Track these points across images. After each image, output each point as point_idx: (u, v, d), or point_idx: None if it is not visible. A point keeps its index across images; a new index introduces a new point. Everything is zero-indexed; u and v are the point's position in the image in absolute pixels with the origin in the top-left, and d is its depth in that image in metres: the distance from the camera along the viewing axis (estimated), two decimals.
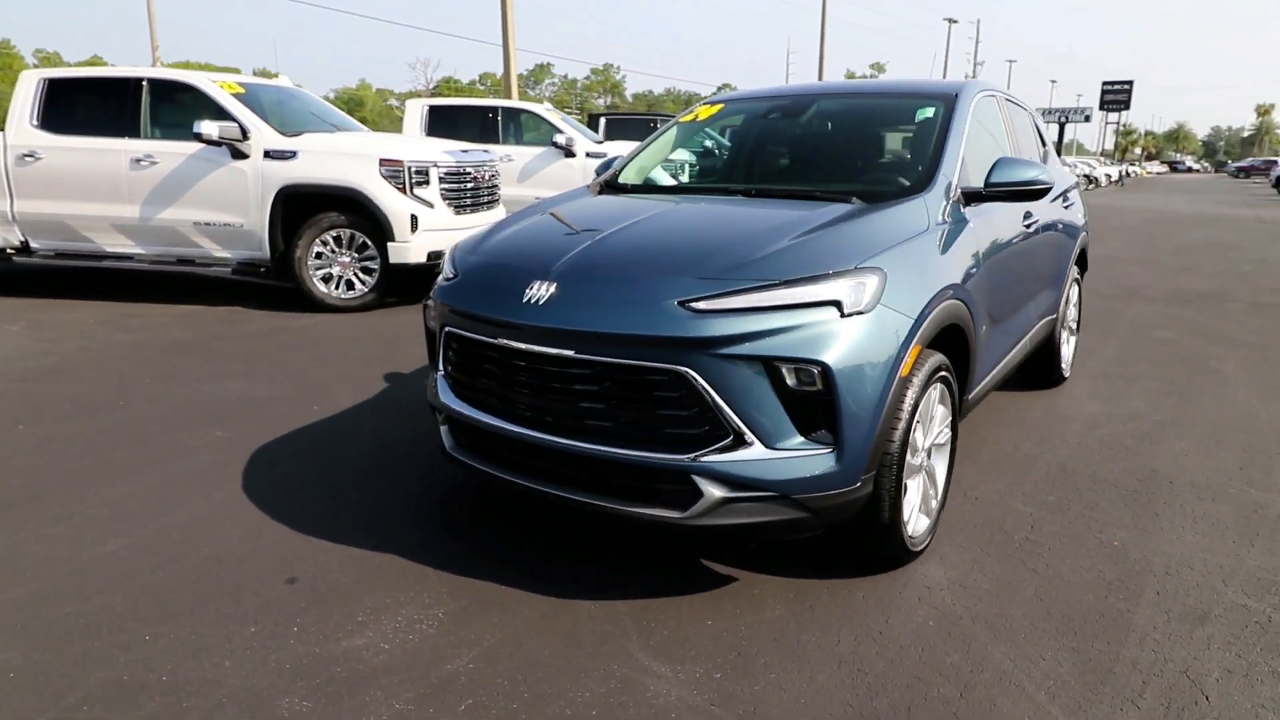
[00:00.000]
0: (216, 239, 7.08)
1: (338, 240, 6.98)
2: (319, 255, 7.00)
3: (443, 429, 2.94)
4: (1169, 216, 20.23)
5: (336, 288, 7.07)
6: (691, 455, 2.33)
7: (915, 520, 2.75)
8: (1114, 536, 3.03)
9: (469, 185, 7.47)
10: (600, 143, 11.36)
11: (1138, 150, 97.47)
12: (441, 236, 7.06)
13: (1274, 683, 2.21)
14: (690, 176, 3.82)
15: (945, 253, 2.83)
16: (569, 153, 11.02)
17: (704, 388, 2.30)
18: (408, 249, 6.88)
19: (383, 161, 6.83)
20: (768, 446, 2.32)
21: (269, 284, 7.34)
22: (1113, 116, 78.72)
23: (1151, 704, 2.12)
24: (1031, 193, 3.08)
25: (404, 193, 6.87)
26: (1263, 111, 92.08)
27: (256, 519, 3.17)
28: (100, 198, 7.10)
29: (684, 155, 4.07)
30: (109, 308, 7.07)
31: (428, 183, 7.01)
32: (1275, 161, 67.02)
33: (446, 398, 2.87)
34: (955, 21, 46.49)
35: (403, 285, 7.45)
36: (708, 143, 4.18)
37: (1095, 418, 4.38)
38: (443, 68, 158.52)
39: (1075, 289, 4.93)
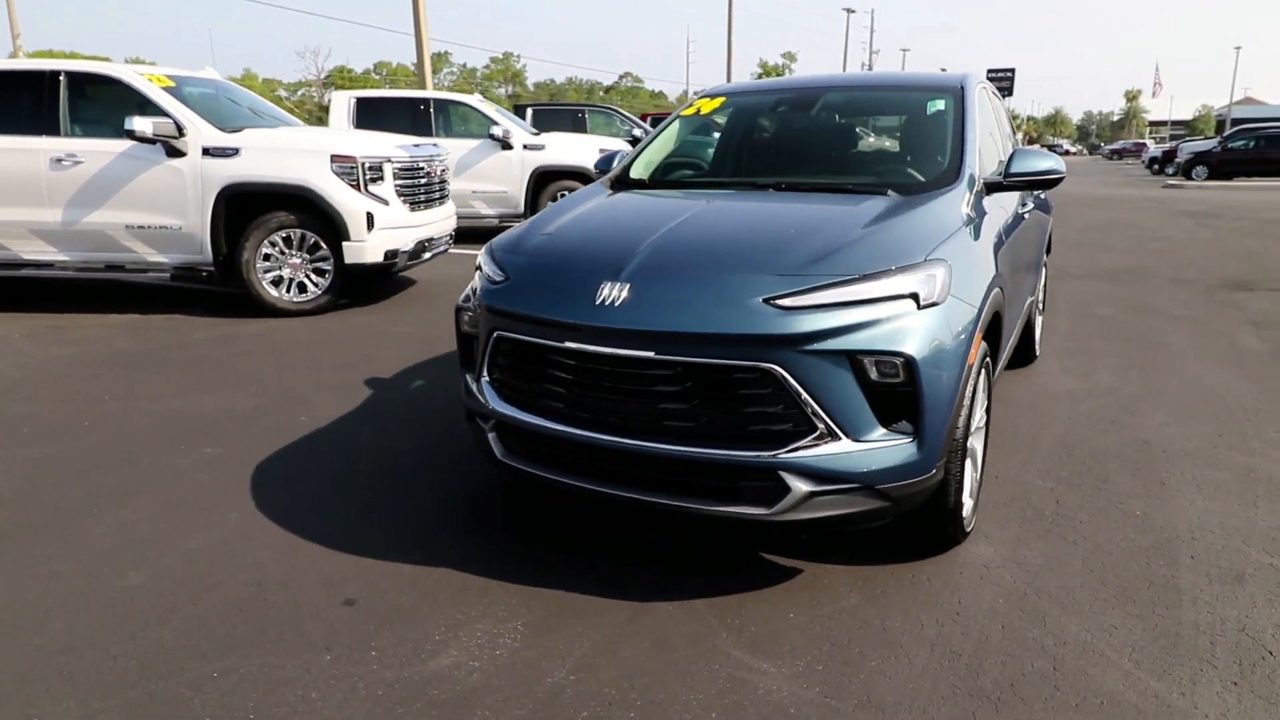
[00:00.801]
0: (151, 243, 6.65)
1: (287, 241, 6.66)
2: (268, 257, 6.67)
3: (490, 436, 2.85)
4: (1064, 198, 21.37)
5: (288, 291, 6.76)
6: (779, 451, 2.34)
7: (966, 502, 2.84)
8: (1134, 506, 3.20)
9: (423, 181, 7.25)
10: (537, 134, 11.20)
11: (1020, 135, 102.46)
12: (398, 234, 6.85)
13: None
14: (704, 171, 3.81)
15: (980, 242, 2.92)
16: (506, 145, 10.83)
17: (791, 384, 2.31)
18: (364, 248, 6.63)
19: (334, 157, 6.55)
20: (852, 439, 2.35)
21: (212, 289, 6.94)
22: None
23: (1225, 663, 2.26)
24: (1047, 182, 3.21)
25: (358, 190, 6.60)
26: (1131, 97, 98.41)
27: (284, 540, 3.01)
28: (15, 201, 6.57)
29: (692, 149, 4.05)
30: (33, 320, 6.55)
31: (382, 179, 6.77)
32: (1145, 144, 71.61)
33: (496, 404, 2.79)
34: (853, 11, 48.00)
35: (357, 286, 7.19)
36: (714, 135, 4.17)
37: (1074, 393, 4.62)
38: (334, 56, 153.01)
39: (1044, 271, 5.17)
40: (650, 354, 2.39)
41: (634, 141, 13.74)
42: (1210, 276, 8.40)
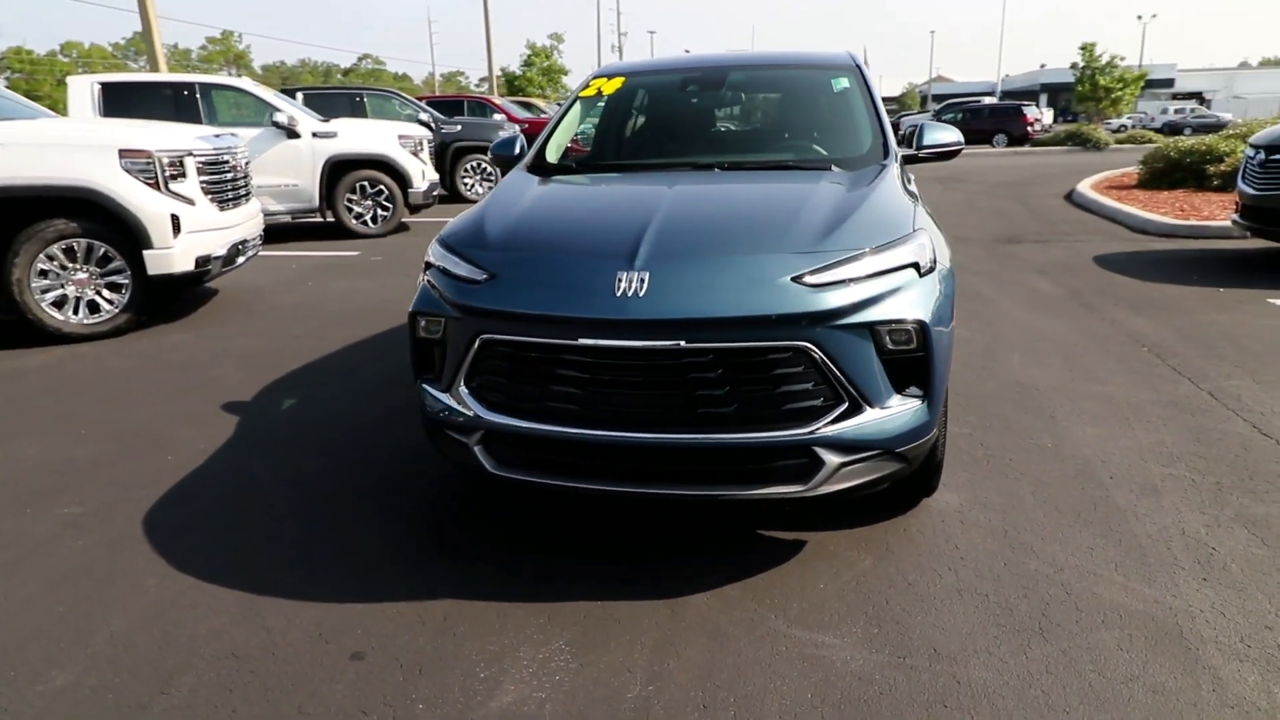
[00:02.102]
0: None
1: (69, 253, 5.66)
2: (45, 274, 5.63)
3: (477, 449, 2.62)
4: None
5: (75, 312, 5.76)
6: (814, 427, 2.37)
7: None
8: (1044, 440, 3.59)
9: (229, 176, 6.45)
10: (325, 121, 10.34)
11: None
12: (209, 238, 6.05)
13: (1240, 525, 2.82)
14: (630, 152, 3.69)
15: (927, 211, 3.11)
16: (292, 133, 9.91)
17: (822, 360, 2.34)
18: (170, 256, 5.79)
19: (124, 153, 5.63)
20: (875, 407, 2.43)
21: None
22: None
23: (1188, 563, 2.62)
24: (952, 153, 3.48)
25: (157, 189, 5.74)
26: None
27: (233, 599, 2.59)
28: None
29: (595, 128, 3.92)
30: None
31: (184, 175, 5.93)
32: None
33: (484, 413, 2.57)
34: None
35: (160, 302, 6.29)
36: (614, 116, 4.03)
37: None
38: (2, 36, 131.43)
39: None
40: (680, 343, 2.31)
41: (427, 125, 13.12)
42: (982, 234, 9.55)
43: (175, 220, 5.77)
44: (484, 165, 14.77)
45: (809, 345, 2.32)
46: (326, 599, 2.58)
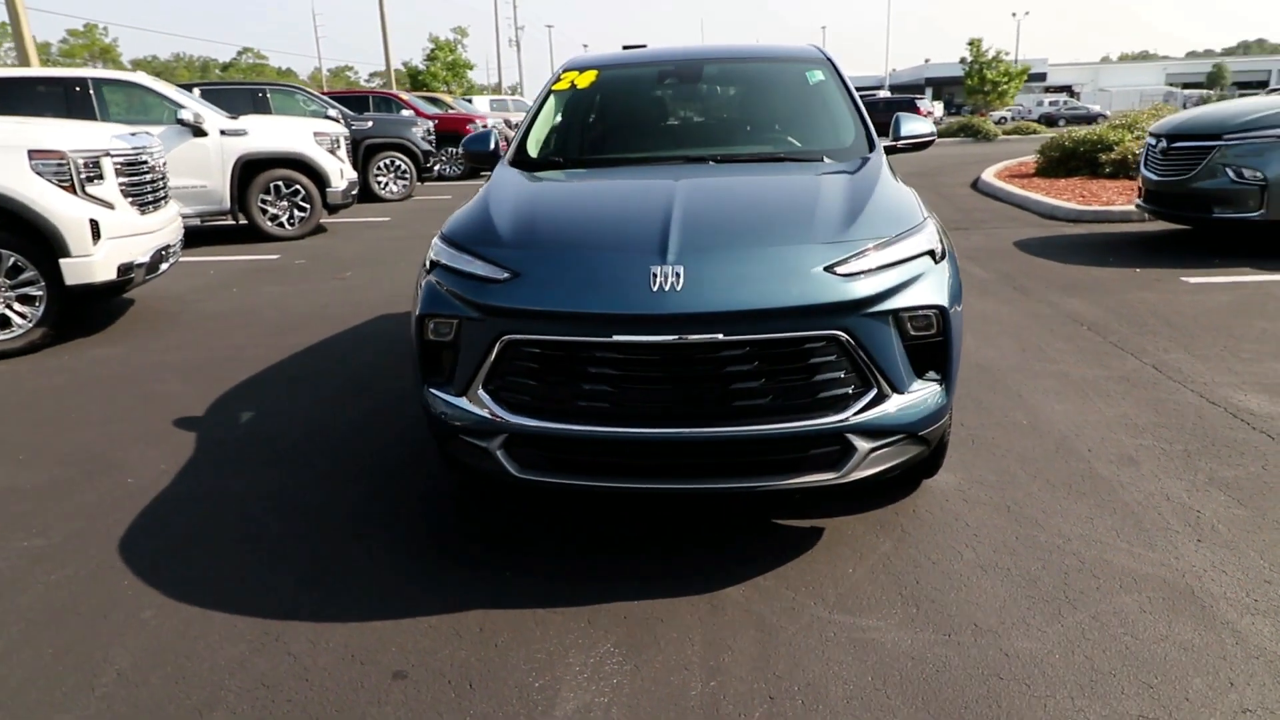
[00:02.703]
0: None
1: None
2: None
3: (499, 453, 2.55)
4: None
5: None
6: (845, 415, 2.41)
7: None
8: (1018, 418, 3.76)
9: (148, 177, 6.05)
10: (234, 118, 9.83)
11: None
12: (131, 244, 5.68)
13: (1216, 488, 3.02)
14: (614, 145, 3.63)
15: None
16: (199, 131, 9.38)
17: (853, 348, 2.38)
18: (91, 265, 5.39)
19: (34, 153, 5.21)
20: (900, 393, 2.48)
21: None
22: None
23: (1180, 526, 2.79)
24: (926, 143, 3.59)
25: (73, 192, 5.34)
26: None
27: (246, 626, 2.45)
28: None
29: (570, 121, 3.84)
30: None
31: (102, 177, 5.53)
32: None
33: (508, 416, 2.50)
34: None
35: (76, 314, 5.85)
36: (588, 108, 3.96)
37: None
38: None
39: None
40: (719, 336, 2.30)
41: (339, 121, 12.64)
42: None
43: (94, 225, 5.38)
44: (398, 163, 14.37)
45: (841, 334, 2.36)
46: (348, 618, 2.46)
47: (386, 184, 14.34)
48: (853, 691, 2.08)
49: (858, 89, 3.73)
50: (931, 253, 2.57)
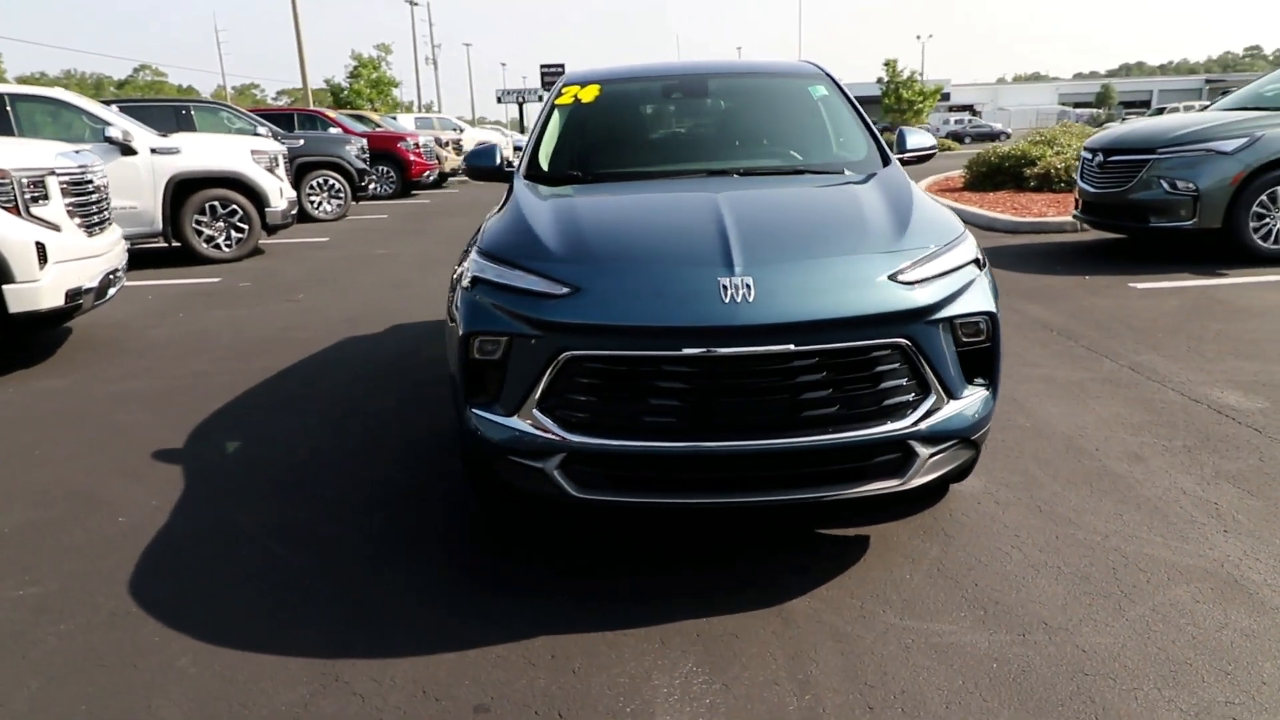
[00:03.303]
0: None
1: None
2: None
3: (556, 474, 2.48)
4: None
5: None
6: (908, 422, 2.43)
7: None
8: (1020, 421, 3.87)
9: (94, 197, 5.71)
10: (164, 135, 9.39)
11: None
12: (79, 268, 5.34)
13: (1224, 481, 3.17)
14: (628, 159, 3.58)
15: None
16: (127, 150, 8.91)
17: (916, 355, 2.41)
18: (37, 291, 5.04)
19: None
20: (955, 399, 2.52)
21: None
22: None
23: (1203, 518, 2.91)
24: (927, 156, 3.68)
25: (17, 214, 4.99)
26: None
27: (297, 667, 2.30)
28: None
29: (592, 137, 3.79)
30: None
31: (47, 197, 5.19)
32: None
33: (568, 435, 2.43)
34: (416, 4, 47.33)
35: (14, 344, 5.46)
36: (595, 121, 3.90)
37: None
38: None
39: None
40: (790, 346, 2.30)
41: (275, 139, 12.21)
42: None
43: (41, 249, 5.04)
44: (332, 182, 13.98)
45: (905, 341, 2.38)
46: (407, 653, 2.34)
47: (320, 203, 13.93)
48: (949, 697, 2.09)
49: None
50: (976, 261, 2.63)
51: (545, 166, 3.45)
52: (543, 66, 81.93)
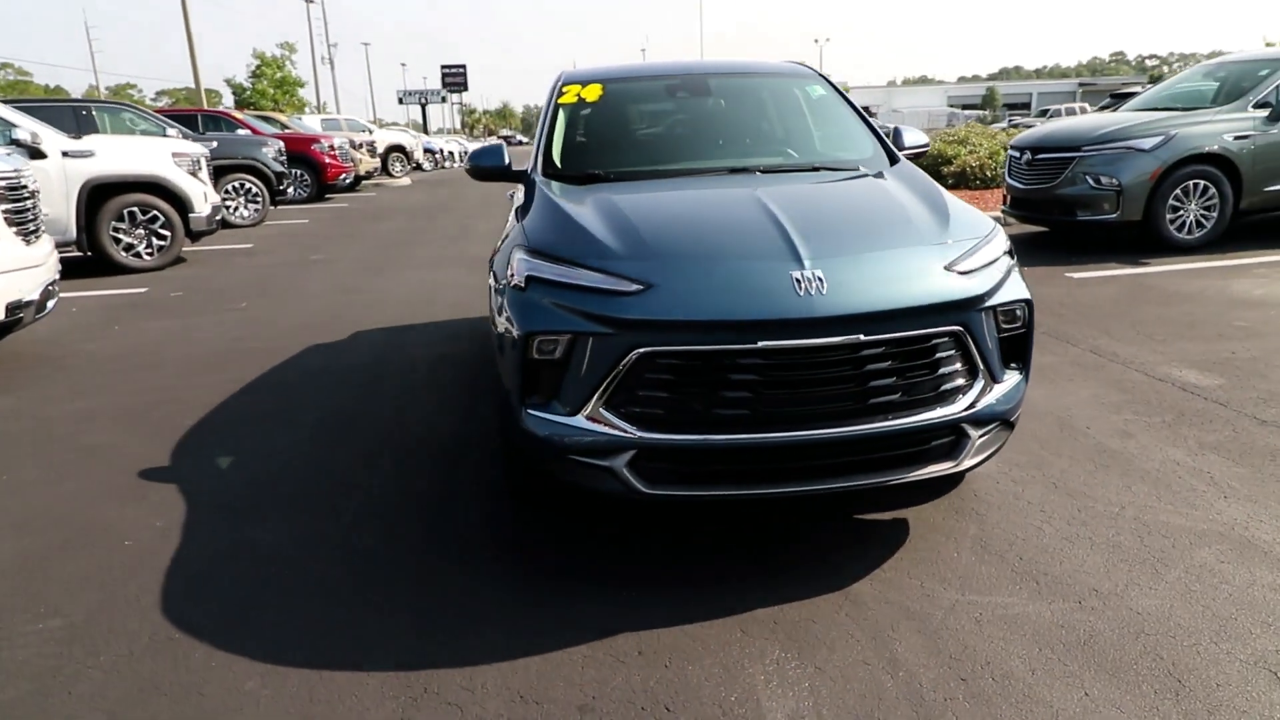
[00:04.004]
0: None
1: None
2: None
3: (625, 472, 2.48)
4: None
5: None
6: (962, 405, 2.54)
7: None
8: None
9: (29, 204, 5.33)
10: (78, 138, 8.82)
11: (480, 127, 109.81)
12: (19, 279, 5.01)
13: (1210, 452, 3.42)
14: (644, 157, 3.57)
15: None
16: (36, 153, 8.30)
17: (970, 341, 2.52)
18: None
19: None
20: (997, 383, 2.65)
21: None
22: (456, 97, 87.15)
23: (1205, 489, 3.14)
24: (922, 153, 3.84)
25: None
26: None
27: (377, 682, 2.24)
28: None
29: (607, 135, 3.76)
30: None
31: None
32: None
33: (637, 432, 2.44)
34: (312, 1, 45.59)
35: None
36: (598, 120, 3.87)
37: None
38: None
39: None
40: (860, 336, 2.37)
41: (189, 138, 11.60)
42: None
43: None
44: (248, 185, 13.40)
45: (960, 329, 2.49)
46: (489, 659, 2.30)
47: (237, 208, 13.33)
48: (1032, 665, 2.20)
49: None
50: (1010, 252, 2.77)
51: (561, 165, 3.43)
52: (444, 67, 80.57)
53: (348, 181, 18.92)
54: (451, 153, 39.60)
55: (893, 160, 3.49)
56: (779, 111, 3.94)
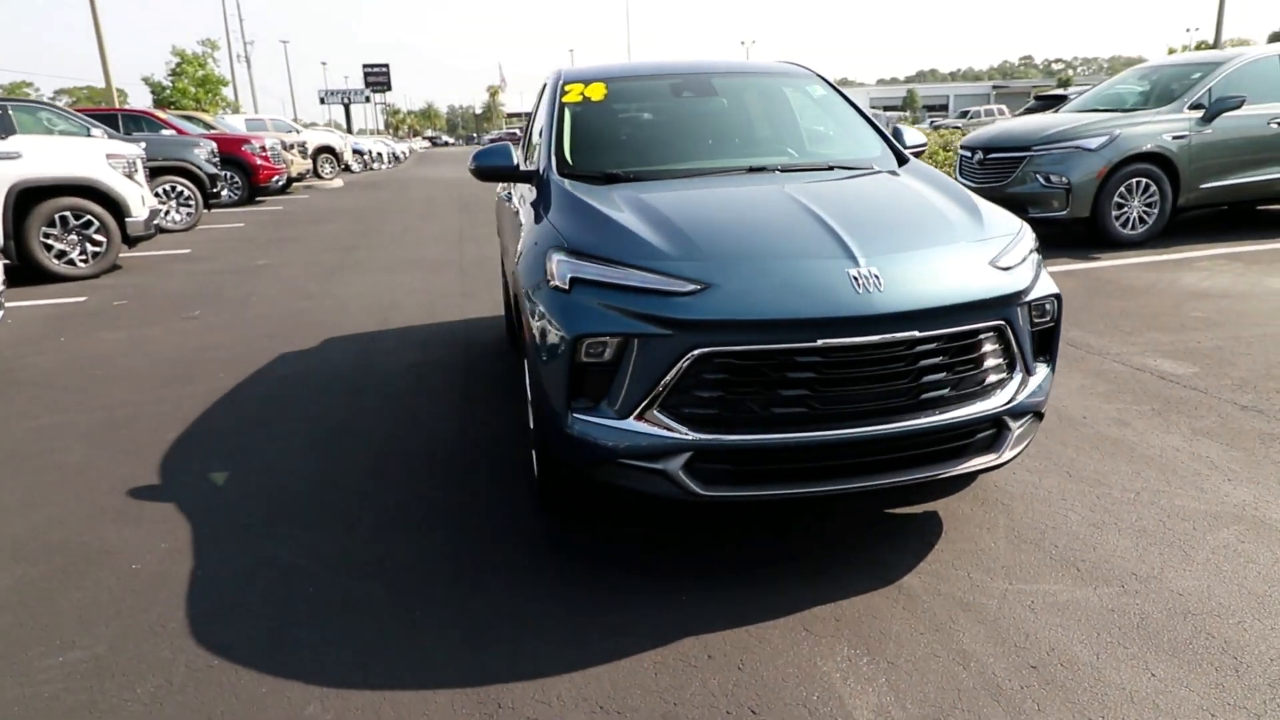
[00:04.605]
0: None
1: None
2: None
3: (680, 474, 2.45)
4: (480, 182, 23.56)
5: None
6: (1004, 398, 2.60)
7: None
8: None
9: None
10: (3, 138, 8.30)
11: (405, 128, 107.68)
12: None
13: (1203, 437, 3.58)
14: (656, 156, 3.52)
15: None
16: None
17: (1011, 335, 2.58)
18: None
19: None
20: (1030, 375, 2.72)
21: None
22: (379, 97, 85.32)
23: (1207, 470, 3.28)
24: (921, 152, 3.91)
25: None
26: (493, 92, 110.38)
27: (444, 700, 2.16)
28: None
29: (619, 134, 3.70)
30: None
31: None
32: (517, 134, 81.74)
33: (694, 434, 2.41)
34: None
35: None
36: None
37: None
38: None
39: None
40: (915, 333, 2.40)
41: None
42: None
43: None
44: (180, 188, 12.84)
45: (1004, 323, 2.55)
46: (558, 670, 2.25)
47: (168, 212, 12.74)
48: (1095, 649, 2.26)
49: None
50: (1036, 247, 2.84)
51: (574, 164, 3.37)
52: (366, 66, 78.68)
53: (281, 184, 18.32)
54: (380, 154, 38.72)
55: (900, 159, 3.55)
56: (785, 111, 3.96)
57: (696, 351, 2.37)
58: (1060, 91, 18.67)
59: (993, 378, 2.60)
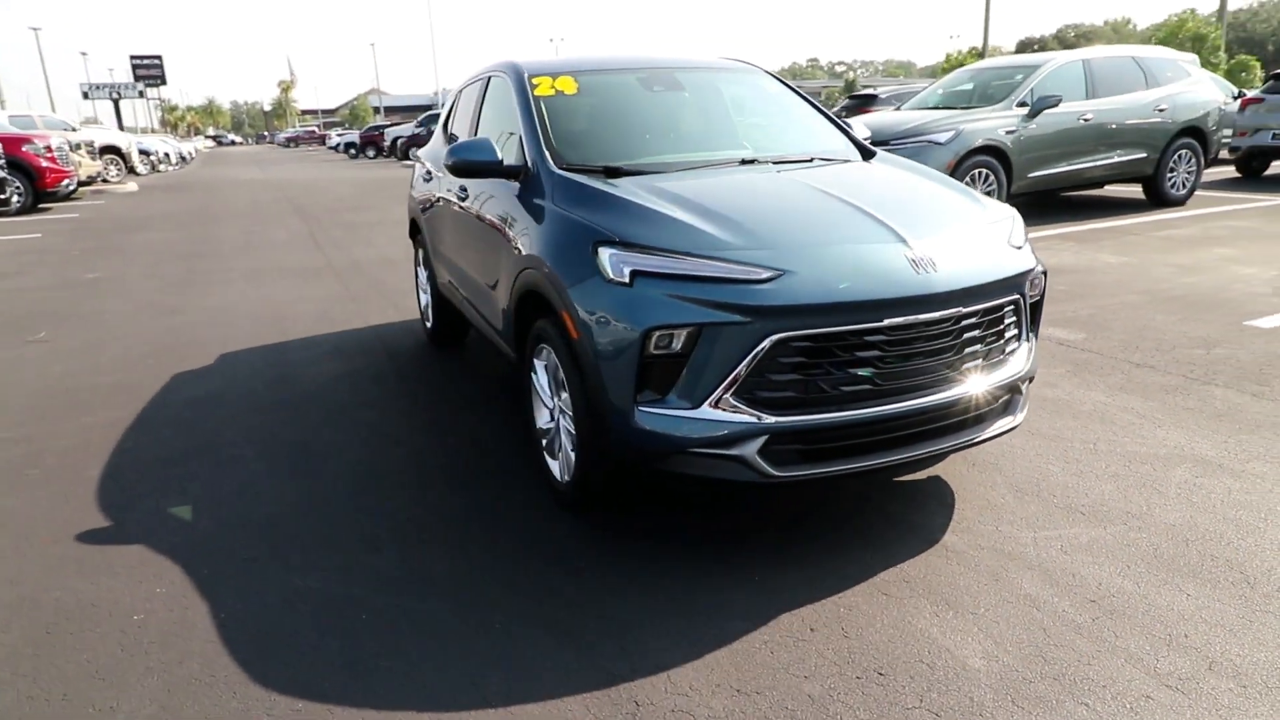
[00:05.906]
0: None
1: None
2: None
3: (756, 458, 2.51)
4: (299, 183, 22.36)
5: None
6: (1020, 366, 2.87)
7: None
8: None
9: None
10: None
11: (185, 125, 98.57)
12: None
13: (1121, 393, 4.08)
14: (630, 150, 3.47)
15: None
16: None
17: (1022, 308, 2.85)
18: None
19: None
20: (1028, 344, 3.02)
21: None
22: (153, 92, 77.65)
23: (1136, 420, 3.76)
24: (883, 142, 4.18)
25: None
26: (285, 87, 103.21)
27: (578, 706, 2.11)
28: None
29: (607, 128, 3.62)
30: None
31: None
32: (315, 131, 77.10)
33: (766, 418, 2.48)
34: None
35: None
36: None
37: None
38: None
39: None
40: (960, 309, 2.59)
41: None
42: None
43: None
44: None
45: (1019, 297, 2.81)
46: (674, 662, 2.25)
47: None
48: (1131, 578, 2.55)
49: (410, 108, 4.07)
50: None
51: (570, 158, 3.30)
52: (134, 58, 71.25)
53: (70, 189, 16.34)
54: (167, 154, 35.39)
55: (863, 151, 3.78)
56: (750, 105, 4.08)
57: (775, 336, 2.43)
58: (870, 91, 20.22)
59: (1010, 346, 2.85)
